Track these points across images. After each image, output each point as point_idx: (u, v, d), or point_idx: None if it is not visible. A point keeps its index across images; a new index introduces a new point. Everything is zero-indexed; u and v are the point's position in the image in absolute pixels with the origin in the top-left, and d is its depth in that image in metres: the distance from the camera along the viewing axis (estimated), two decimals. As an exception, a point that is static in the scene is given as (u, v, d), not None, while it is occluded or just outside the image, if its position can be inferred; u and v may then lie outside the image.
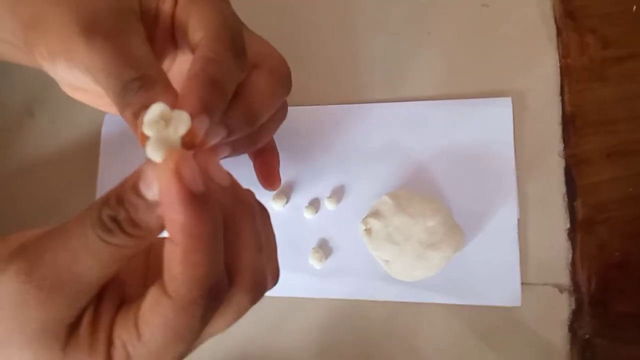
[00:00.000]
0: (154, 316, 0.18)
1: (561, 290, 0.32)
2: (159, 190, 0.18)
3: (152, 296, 0.18)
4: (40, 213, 0.40)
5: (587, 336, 0.32)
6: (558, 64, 0.35)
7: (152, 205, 0.18)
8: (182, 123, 0.19)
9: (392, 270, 0.32)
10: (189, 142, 0.19)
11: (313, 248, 0.35)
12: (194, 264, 0.17)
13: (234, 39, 0.24)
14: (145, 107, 0.19)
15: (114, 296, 0.20)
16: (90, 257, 0.18)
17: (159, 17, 0.25)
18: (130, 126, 0.22)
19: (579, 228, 0.33)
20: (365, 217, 0.33)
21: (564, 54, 0.35)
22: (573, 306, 0.32)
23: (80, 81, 0.24)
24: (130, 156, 0.39)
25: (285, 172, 0.36)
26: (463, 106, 0.35)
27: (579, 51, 0.35)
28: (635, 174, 0.33)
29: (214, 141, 0.21)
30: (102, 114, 0.41)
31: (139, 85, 0.22)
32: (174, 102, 0.22)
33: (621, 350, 0.32)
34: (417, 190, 0.33)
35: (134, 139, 0.38)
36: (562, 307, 0.32)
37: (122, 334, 0.19)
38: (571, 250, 0.32)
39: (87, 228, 0.18)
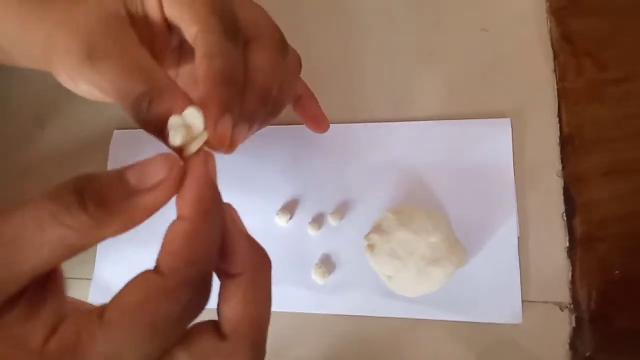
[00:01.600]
0: (133, 292, 0.16)
1: (562, 308, 0.32)
2: (191, 170, 0.18)
3: (138, 276, 0.17)
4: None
5: (588, 354, 0.32)
6: (556, 86, 0.36)
7: (131, 193, 0.17)
8: (196, 120, 0.20)
9: (395, 286, 0.33)
10: (219, 144, 0.21)
11: (316, 264, 0.35)
12: (198, 240, 0.17)
13: (225, 22, 0.23)
14: (163, 121, 0.21)
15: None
16: (36, 232, 0.15)
17: (149, 20, 0.25)
18: (157, 138, 0.22)
19: (579, 246, 0.33)
20: (368, 233, 0.33)
21: (561, 76, 0.36)
22: (574, 324, 0.32)
23: (94, 95, 0.25)
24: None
25: (290, 189, 0.37)
26: (464, 126, 0.36)
27: (576, 74, 0.36)
28: (632, 192, 0.34)
29: (242, 138, 0.23)
30: (111, 127, 0.41)
31: (149, 99, 0.22)
32: (188, 101, 0.22)
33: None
34: (420, 207, 0.34)
35: (141, 155, 0.39)
36: (563, 324, 0.32)
37: (76, 318, 0.16)
38: (571, 268, 0.33)
39: (44, 199, 0.16)
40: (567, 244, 0.33)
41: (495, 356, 0.32)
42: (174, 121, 0.20)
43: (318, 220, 0.36)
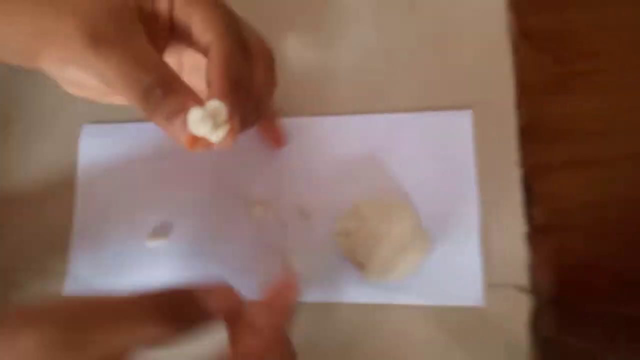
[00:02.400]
0: None
1: (522, 291, 0.34)
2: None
3: None
4: (19, 217, 0.41)
5: (548, 335, 0.33)
6: (515, 79, 0.37)
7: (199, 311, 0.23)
8: (220, 114, 0.24)
9: (365, 273, 0.34)
10: (228, 136, 0.25)
11: (288, 254, 0.36)
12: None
13: (240, 38, 0.27)
14: (177, 112, 0.24)
15: None
16: (137, 338, 0.21)
17: (156, 17, 0.26)
18: (161, 127, 0.25)
19: (537, 232, 0.35)
20: (339, 223, 0.34)
21: (520, 69, 0.37)
22: (534, 306, 0.34)
23: (87, 83, 0.26)
24: (107, 164, 0.40)
25: (261, 182, 0.38)
26: (428, 118, 0.37)
27: (534, 67, 0.37)
28: (588, 181, 0.36)
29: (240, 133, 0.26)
30: (78, 123, 0.41)
31: (162, 90, 0.24)
32: (196, 96, 0.25)
33: (580, 347, 0.34)
34: (388, 197, 0.35)
35: (111, 148, 0.39)
36: (524, 307, 0.34)
37: None
38: (530, 253, 0.34)
39: (152, 307, 0.21)
40: (526, 230, 0.35)
41: (462, 337, 0.34)
42: (196, 112, 0.23)
43: (289, 212, 0.37)
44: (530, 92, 0.37)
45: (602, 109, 0.37)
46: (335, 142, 0.37)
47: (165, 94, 0.24)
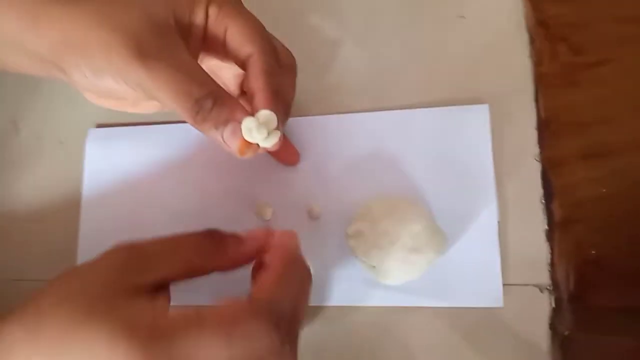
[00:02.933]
0: (232, 312, 0.23)
1: (541, 290, 0.33)
2: (280, 237, 0.28)
3: (235, 300, 0.23)
4: (26, 225, 0.40)
5: (566, 332, 0.33)
6: (532, 71, 0.36)
7: (240, 240, 0.27)
8: (272, 122, 0.26)
9: (378, 275, 0.33)
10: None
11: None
12: (282, 284, 0.25)
13: (276, 51, 0.29)
14: (226, 121, 0.26)
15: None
16: (180, 266, 0.25)
17: (192, 30, 0.28)
18: (208, 136, 0.27)
19: (557, 228, 0.34)
20: (350, 224, 0.34)
21: (537, 61, 0.36)
22: (553, 304, 0.33)
23: (118, 93, 0.26)
24: (114, 168, 0.39)
25: (270, 183, 0.37)
26: (442, 113, 0.36)
27: (551, 58, 0.36)
28: (607, 175, 0.35)
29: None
30: (86, 128, 0.41)
31: (212, 102, 0.25)
32: (243, 107, 0.27)
33: (599, 342, 0.33)
34: (400, 196, 0.34)
35: (117, 151, 0.39)
36: (543, 305, 0.33)
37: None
38: (550, 250, 0.34)
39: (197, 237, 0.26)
40: (546, 227, 0.34)
41: (478, 339, 0.33)
42: (250, 121, 0.26)
43: (298, 213, 0.36)
44: (547, 84, 0.36)
45: (618, 100, 0.36)
46: (345, 141, 0.36)
47: (215, 105, 0.25)
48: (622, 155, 0.35)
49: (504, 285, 0.33)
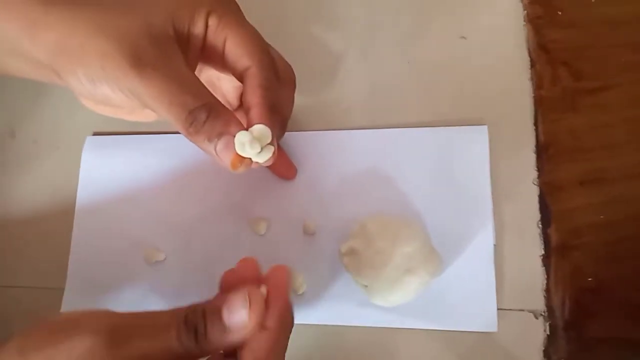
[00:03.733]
0: None
1: (536, 316, 0.33)
2: (275, 289, 0.25)
3: None
4: (18, 231, 0.40)
5: (561, 360, 0.32)
6: (532, 95, 0.36)
7: (226, 330, 0.23)
8: (266, 137, 0.26)
9: (371, 295, 0.33)
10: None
11: (294, 273, 0.35)
12: (280, 349, 0.24)
13: (275, 65, 0.28)
14: (219, 134, 0.25)
15: None
16: (160, 344, 0.22)
17: (191, 40, 0.27)
18: (201, 148, 0.26)
19: (553, 254, 0.33)
20: (344, 243, 0.33)
21: (537, 85, 0.36)
22: (547, 331, 0.32)
23: (115, 101, 0.26)
24: (109, 176, 0.39)
25: (265, 199, 0.37)
26: (441, 133, 0.36)
27: (551, 82, 0.36)
28: (607, 201, 0.34)
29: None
30: (82, 134, 0.41)
31: (207, 114, 0.25)
32: (238, 120, 0.26)
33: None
34: (396, 215, 0.34)
35: (113, 159, 0.39)
36: (538, 332, 0.32)
37: None
38: (546, 276, 0.33)
39: (172, 323, 0.22)
40: (542, 252, 0.33)
41: (471, 363, 0.33)
42: (244, 136, 0.25)
43: (295, 230, 0.36)
44: (546, 107, 0.36)
45: (619, 127, 0.35)
46: (342, 157, 0.36)
47: (209, 117, 0.25)
48: (621, 182, 0.35)
49: (498, 309, 0.32)
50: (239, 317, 0.23)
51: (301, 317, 0.34)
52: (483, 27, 0.38)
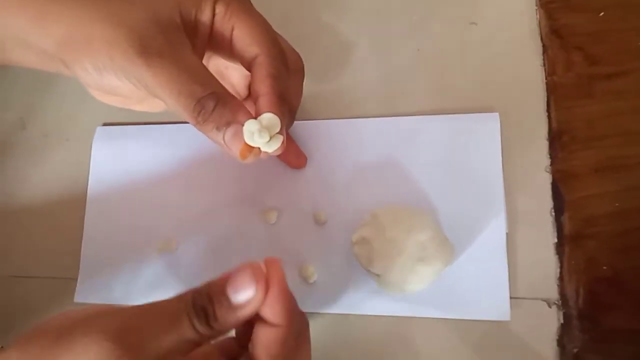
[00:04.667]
0: None
1: (550, 305, 0.32)
2: (277, 283, 0.23)
3: None
4: (31, 222, 0.40)
5: (575, 350, 0.32)
6: (544, 81, 0.35)
7: (233, 307, 0.22)
8: (275, 126, 0.25)
9: (383, 284, 0.32)
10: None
11: (305, 263, 0.35)
12: (290, 342, 0.23)
13: (284, 54, 0.28)
14: (228, 123, 0.25)
15: None
16: (176, 337, 0.21)
17: (198, 28, 0.27)
18: (209, 137, 0.26)
19: (567, 242, 0.33)
20: (357, 232, 0.33)
21: (550, 71, 0.36)
22: (561, 320, 0.32)
23: (123, 91, 0.26)
24: (120, 167, 0.39)
25: (277, 188, 0.36)
26: (452, 121, 0.35)
27: (565, 68, 0.35)
28: (622, 189, 0.34)
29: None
30: (93, 126, 0.41)
31: (215, 102, 0.25)
32: (246, 109, 0.26)
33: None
34: (408, 204, 0.34)
35: (123, 150, 0.39)
36: (551, 321, 0.32)
37: None
38: (559, 265, 0.33)
39: (182, 312, 0.21)
40: (555, 240, 0.33)
41: (484, 352, 0.32)
42: (252, 125, 0.25)
43: (306, 219, 0.36)
44: (560, 94, 0.35)
45: (636, 113, 0.35)
46: (353, 146, 0.36)
47: (217, 106, 0.25)
48: (637, 170, 0.34)
49: (511, 298, 0.32)
50: (245, 293, 0.22)
51: (313, 306, 0.34)
52: (494, 12, 0.37)
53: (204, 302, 0.22)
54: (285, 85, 0.27)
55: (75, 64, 0.25)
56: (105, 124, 0.41)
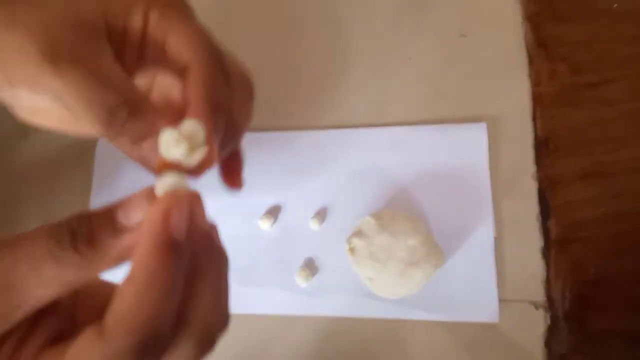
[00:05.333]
0: (77, 355, 0.16)
1: (537, 307, 0.33)
2: (145, 223, 0.17)
3: (86, 336, 0.16)
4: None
5: (562, 351, 0.33)
6: (530, 91, 0.37)
7: (118, 231, 0.17)
8: (197, 135, 0.20)
9: (376, 288, 0.34)
10: (201, 164, 0.21)
11: (299, 267, 0.36)
12: (142, 306, 0.16)
13: (221, 62, 0.25)
14: (144, 135, 0.21)
15: (49, 328, 0.18)
16: (32, 270, 0.16)
17: (128, 35, 0.24)
18: (125, 153, 0.23)
19: (553, 246, 0.34)
20: (350, 237, 0.34)
21: (535, 81, 0.37)
22: (548, 322, 0.33)
23: (44, 107, 0.23)
24: (123, 175, 0.40)
25: (272, 194, 0.38)
26: (441, 131, 0.36)
27: (550, 78, 0.37)
28: (607, 194, 0.35)
29: (216, 160, 0.23)
30: (95, 136, 0.42)
31: (128, 111, 0.21)
32: (167, 118, 0.22)
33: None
34: (398, 210, 0.35)
35: (126, 162, 0.40)
36: (539, 323, 0.33)
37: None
38: (546, 268, 0.34)
39: (40, 238, 0.17)
40: (542, 244, 0.34)
41: (473, 353, 0.33)
42: (169, 133, 0.20)
43: (300, 224, 0.37)
44: (545, 103, 0.36)
45: (619, 121, 0.36)
46: (347, 155, 0.37)
47: (130, 115, 0.21)
48: (621, 176, 0.35)
49: (499, 300, 0.33)
50: (137, 213, 0.18)
51: (308, 309, 0.35)
52: (483, 25, 0.38)
53: (76, 222, 0.17)
54: (222, 96, 0.24)
55: None
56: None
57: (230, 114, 0.25)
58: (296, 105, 0.34)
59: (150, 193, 0.18)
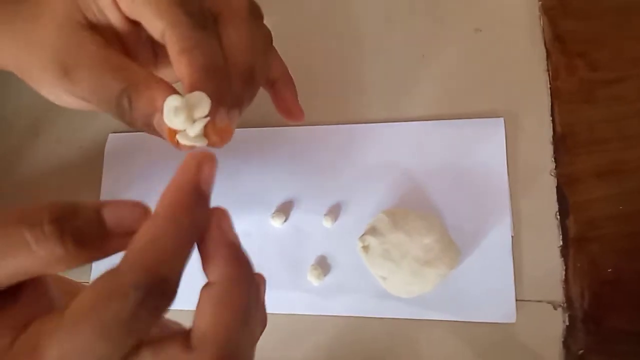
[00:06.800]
0: (90, 291, 0.15)
1: (555, 307, 0.33)
2: (178, 170, 0.17)
3: (102, 275, 0.16)
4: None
5: (580, 352, 0.32)
6: (548, 86, 0.36)
7: (105, 233, 0.17)
8: (201, 104, 0.21)
9: (389, 287, 0.33)
10: (219, 139, 0.22)
11: (311, 265, 0.35)
12: (158, 245, 0.16)
13: (190, 9, 0.23)
14: (148, 113, 0.22)
15: (37, 303, 0.17)
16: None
17: (109, 22, 0.24)
18: (149, 132, 0.23)
19: (571, 245, 0.33)
20: (363, 235, 0.34)
21: (553, 76, 0.36)
22: (567, 322, 0.32)
23: (86, 106, 0.25)
24: (132, 174, 0.40)
25: (285, 191, 0.37)
26: (457, 126, 0.36)
27: (568, 73, 0.36)
28: (625, 192, 0.34)
29: (235, 125, 0.22)
30: (105, 133, 0.42)
31: (128, 95, 0.22)
32: (168, 87, 0.22)
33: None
34: (413, 208, 0.34)
35: (135, 157, 0.39)
36: (556, 323, 0.32)
37: (42, 319, 0.16)
38: (564, 267, 0.33)
39: (16, 223, 0.15)
40: (560, 243, 0.33)
41: (489, 355, 0.33)
42: (171, 102, 0.21)
43: (313, 222, 0.36)
44: (563, 99, 0.36)
45: (637, 117, 0.35)
46: (361, 151, 0.37)
47: (132, 102, 0.22)
48: (638, 173, 0.34)
49: (516, 300, 0.32)
50: (127, 221, 0.17)
51: (320, 308, 0.35)
52: (498, 19, 0.38)
53: (64, 212, 0.16)
54: (209, 52, 0.22)
55: (35, 87, 0.25)
56: (117, 131, 0.42)
57: (226, 62, 0.23)
58: (311, 102, 0.33)
59: (142, 208, 0.18)
